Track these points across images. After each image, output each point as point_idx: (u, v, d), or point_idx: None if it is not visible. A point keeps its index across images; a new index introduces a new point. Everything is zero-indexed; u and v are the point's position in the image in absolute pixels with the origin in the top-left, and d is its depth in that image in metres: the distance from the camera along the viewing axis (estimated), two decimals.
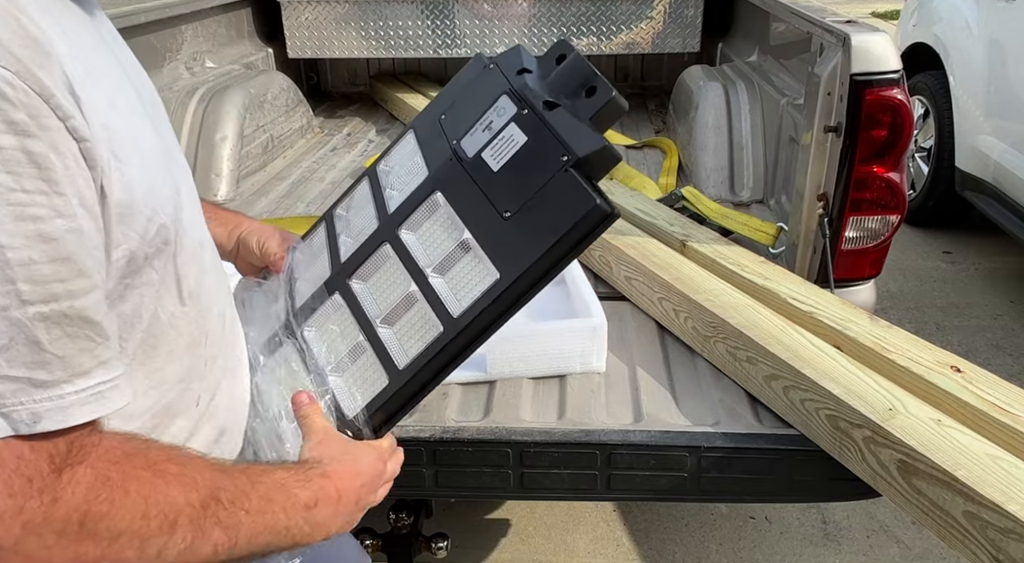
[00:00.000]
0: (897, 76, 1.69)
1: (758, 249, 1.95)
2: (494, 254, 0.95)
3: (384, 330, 1.02)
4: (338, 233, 1.16)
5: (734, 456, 1.37)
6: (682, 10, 3.17)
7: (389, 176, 1.14)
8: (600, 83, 0.96)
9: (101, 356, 0.60)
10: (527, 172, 0.95)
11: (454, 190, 1.01)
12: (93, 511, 0.58)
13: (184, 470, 0.67)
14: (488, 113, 1.01)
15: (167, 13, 2.59)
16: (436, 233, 1.02)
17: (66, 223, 0.57)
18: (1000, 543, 1.05)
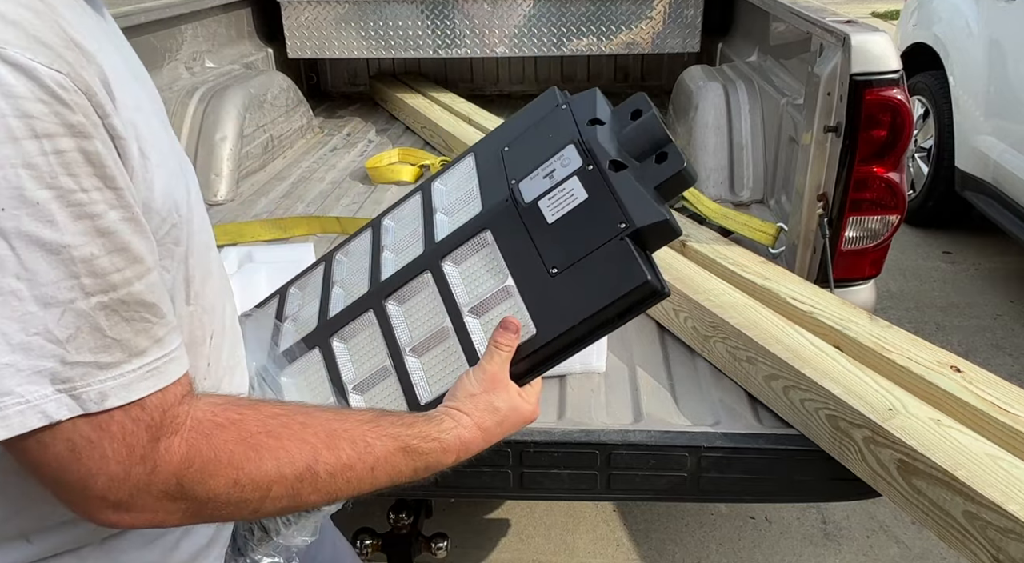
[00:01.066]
0: (897, 76, 1.69)
1: (758, 249, 1.95)
2: (534, 308, 0.93)
3: (411, 359, 1.00)
4: (383, 246, 1.14)
5: (734, 456, 1.37)
6: (682, 10, 3.17)
7: (442, 198, 1.12)
8: (672, 151, 0.93)
9: (156, 334, 0.64)
10: (582, 231, 0.92)
11: (504, 233, 0.98)
12: (188, 477, 0.65)
13: (280, 443, 0.70)
14: (552, 160, 0.98)
15: (167, 13, 2.59)
16: (479, 273, 1.00)
17: (120, 214, 0.61)
18: (1000, 543, 1.05)
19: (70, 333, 0.59)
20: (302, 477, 0.71)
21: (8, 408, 0.57)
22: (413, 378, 0.98)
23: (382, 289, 1.06)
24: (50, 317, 0.58)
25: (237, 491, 0.67)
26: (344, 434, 0.75)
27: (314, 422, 0.74)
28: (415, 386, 0.98)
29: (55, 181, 0.57)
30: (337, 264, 1.20)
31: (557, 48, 3.24)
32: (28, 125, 0.55)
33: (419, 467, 0.81)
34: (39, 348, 0.58)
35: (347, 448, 0.74)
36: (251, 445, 0.68)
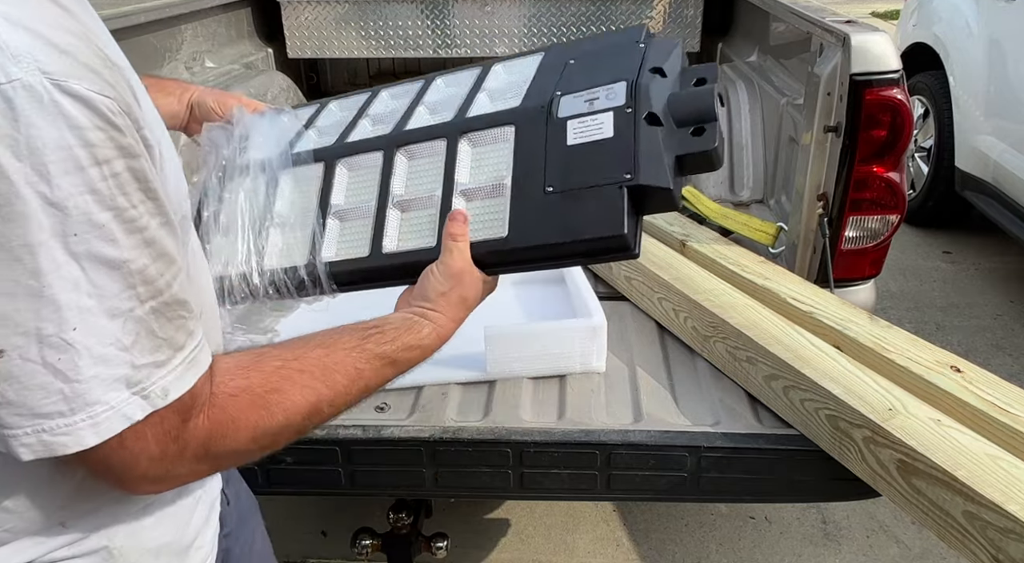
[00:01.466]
0: (897, 76, 1.69)
1: (758, 249, 1.95)
2: (515, 214, 0.96)
3: (393, 211, 1.06)
4: (422, 100, 1.20)
5: (734, 456, 1.37)
6: (682, 10, 3.17)
7: (494, 80, 1.17)
8: (711, 129, 0.93)
9: (189, 328, 0.69)
10: (590, 164, 0.94)
11: (525, 136, 1.01)
12: (213, 445, 0.71)
13: (284, 396, 0.76)
14: (601, 89, 1.00)
15: (167, 13, 2.59)
16: (486, 161, 1.04)
17: (159, 221, 0.65)
18: (1000, 543, 1.05)
19: (133, 339, 0.63)
20: (309, 417, 0.78)
21: (98, 415, 0.62)
22: (386, 227, 1.04)
23: (400, 138, 1.11)
24: (116, 327, 0.62)
25: (255, 444, 0.74)
26: (336, 368, 0.81)
27: (309, 366, 0.79)
28: (385, 234, 1.04)
29: (113, 202, 0.60)
30: (379, 100, 1.25)
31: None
32: (91, 154, 0.58)
33: (405, 369, 0.90)
34: (114, 357, 0.62)
35: (341, 379, 0.81)
36: (261, 405, 0.74)
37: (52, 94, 0.57)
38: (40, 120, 0.56)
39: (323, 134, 1.23)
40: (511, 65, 1.19)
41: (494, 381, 1.55)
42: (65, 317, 0.59)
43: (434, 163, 1.07)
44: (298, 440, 0.88)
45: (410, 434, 1.40)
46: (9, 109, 0.55)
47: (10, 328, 0.58)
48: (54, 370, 0.60)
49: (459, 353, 1.59)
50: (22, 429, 0.61)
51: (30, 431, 0.61)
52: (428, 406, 1.47)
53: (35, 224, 0.57)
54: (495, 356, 1.52)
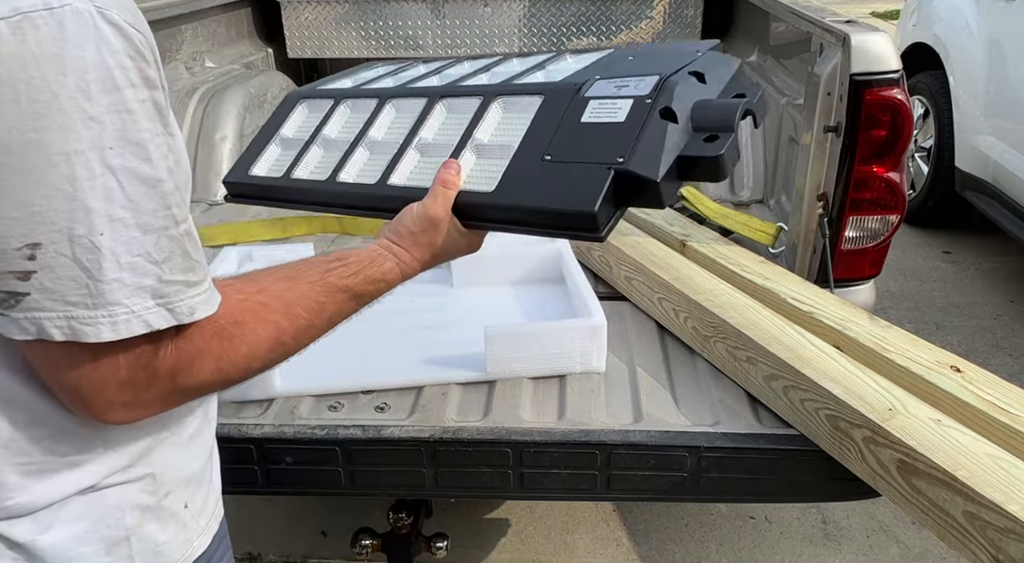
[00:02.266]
0: (897, 76, 1.69)
1: (758, 249, 1.95)
2: (507, 174, 1.00)
3: (412, 152, 1.14)
4: (492, 67, 1.29)
5: (734, 456, 1.37)
6: (682, 10, 3.17)
7: (560, 62, 1.25)
8: (723, 139, 0.92)
9: (205, 263, 0.75)
10: (592, 142, 0.96)
11: (549, 107, 1.05)
12: (180, 375, 0.74)
13: (247, 328, 0.78)
14: (634, 79, 1.02)
15: (167, 13, 2.59)
16: (508, 124, 1.09)
17: (176, 157, 0.70)
18: (1000, 543, 1.05)
19: (165, 255, 0.69)
20: (272, 348, 0.81)
21: (118, 316, 0.67)
22: (400, 164, 1.12)
23: (446, 90, 1.21)
24: (149, 241, 0.68)
25: (221, 375, 0.77)
26: (299, 302, 0.84)
27: (270, 299, 0.82)
28: (396, 170, 1.12)
29: (148, 124, 0.66)
30: (460, 64, 1.37)
31: (557, 48, 3.24)
32: (126, 76, 0.65)
33: (369, 301, 0.94)
34: (141, 267, 0.67)
35: (303, 313, 0.84)
36: (225, 336, 0.76)
37: (96, 20, 0.63)
38: (86, 41, 0.62)
39: (398, 81, 1.36)
40: (582, 56, 1.25)
41: (494, 381, 1.55)
42: (94, 222, 0.65)
43: (465, 118, 1.13)
44: (298, 440, 0.88)
45: (410, 434, 1.40)
46: (60, 30, 0.61)
47: (48, 225, 0.64)
48: (83, 267, 0.65)
49: (459, 353, 1.59)
50: (55, 312, 0.66)
51: (61, 315, 0.66)
52: (428, 406, 1.47)
53: (74, 135, 0.62)
54: (495, 356, 1.52)
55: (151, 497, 0.83)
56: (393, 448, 1.40)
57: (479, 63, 1.35)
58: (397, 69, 1.46)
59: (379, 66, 1.52)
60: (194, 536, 0.89)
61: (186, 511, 0.88)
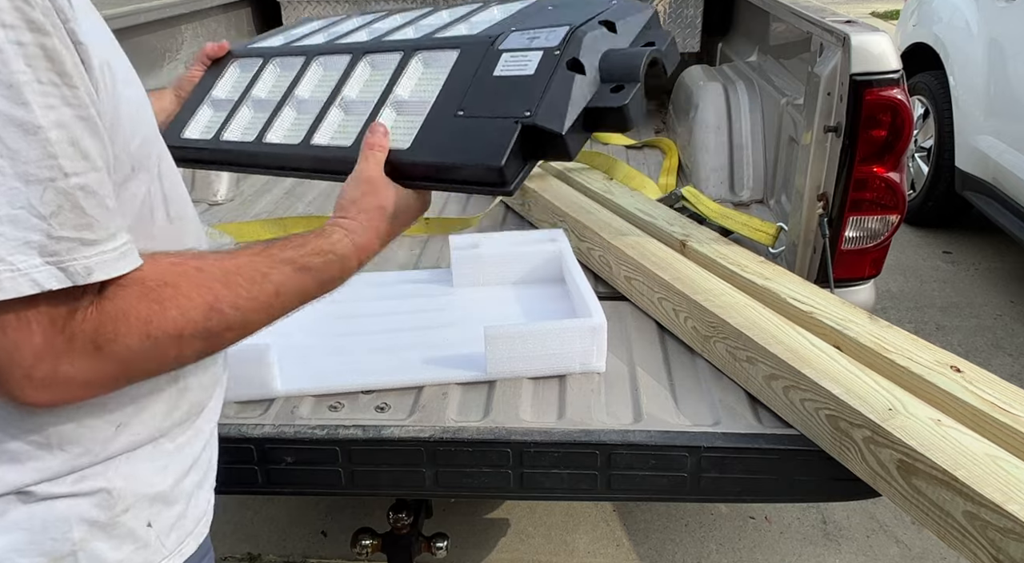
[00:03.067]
0: (897, 76, 1.69)
1: (758, 249, 1.95)
2: (423, 131, 1.00)
3: (336, 111, 1.13)
4: (421, 20, 1.29)
5: (734, 456, 1.37)
6: (682, 10, 3.17)
7: (486, 11, 1.24)
8: (631, 89, 0.93)
9: (120, 222, 0.69)
10: (502, 97, 0.96)
11: (465, 62, 1.05)
12: (104, 339, 0.68)
13: (179, 291, 0.73)
14: (546, 30, 1.01)
15: (167, 13, 2.59)
16: (426, 80, 1.09)
17: (73, 112, 0.64)
18: (1000, 543, 1.05)
19: (53, 210, 0.63)
20: (208, 315, 0.74)
21: (0, 274, 0.61)
22: (323, 123, 1.12)
23: (370, 46, 1.21)
24: (32, 193, 0.62)
25: (152, 343, 0.71)
26: (237, 270, 0.78)
27: (208, 265, 0.77)
28: (319, 129, 1.11)
29: (22, 68, 0.60)
30: (391, 17, 1.36)
31: None
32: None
33: (324, 280, 0.87)
34: (25, 221, 0.61)
35: (243, 282, 0.78)
36: (153, 298, 0.71)
37: None
38: None
39: (329, 36, 1.35)
40: (508, 6, 1.24)
41: (494, 381, 1.55)
42: None
43: (386, 74, 1.13)
44: (298, 440, 0.87)
45: (410, 434, 1.40)
46: None
47: None
48: None
49: (459, 353, 1.59)
50: None
51: None
52: (428, 406, 1.47)
53: None
54: (495, 356, 1.52)
55: (103, 512, 0.78)
56: (393, 448, 1.40)
57: (408, 15, 1.34)
58: (329, 23, 1.45)
59: (315, 21, 1.51)
60: (158, 558, 0.83)
61: (149, 530, 0.82)
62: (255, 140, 1.19)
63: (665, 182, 2.61)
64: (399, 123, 1.05)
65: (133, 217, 0.76)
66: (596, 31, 0.99)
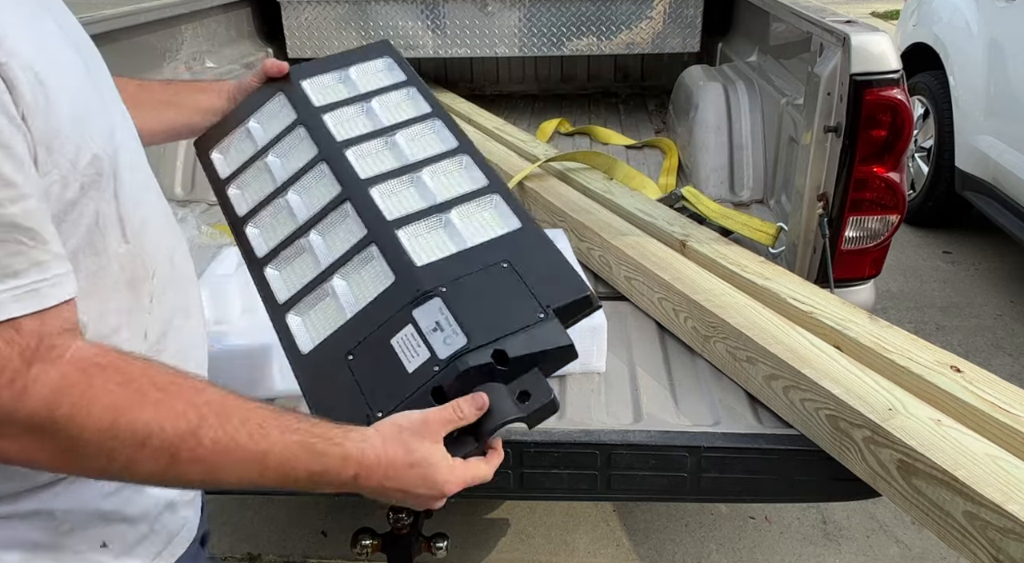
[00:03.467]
0: (897, 76, 1.69)
1: (758, 249, 1.95)
2: (325, 343, 1.03)
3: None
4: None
5: (734, 456, 1.37)
6: (682, 10, 3.17)
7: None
8: (474, 446, 0.91)
9: (36, 258, 0.62)
10: (382, 374, 0.97)
11: (391, 296, 1.02)
12: (59, 411, 0.62)
13: (165, 396, 0.67)
14: (454, 326, 0.96)
15: (167, 13, 2.59)
16: (364, 283, 1.07)
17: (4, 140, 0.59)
18: (1000, 543, 1.05)
19: None
20: (183, 437, 0.66)
21: None
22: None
23: (354, 189, 1.16)
24: None
25: (110, 437, 0.64)
26: (239, 410, 0.71)
27: (210, 392, 0.71)
28: (273, 293, 1.11)
29: None
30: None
31: (557, 48, 3.24)
32: None
33: (315, 470, 0.75)
34: None
35: (238, 424, 0.70)
36: (133, 390, 0.65)
37: None
38: None
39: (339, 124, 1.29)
40: (475, 203, 1.15)
41: None
42: None
43: (340, 246, 1.12)
44: None
45: None
46: None
47: None
48: None
49: None
50: None
51: None
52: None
53: None
54: None
55: (45, 534, 0.72)
56: None
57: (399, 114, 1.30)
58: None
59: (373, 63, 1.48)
60: None
61: (104, 550, 0.77)
62: (239, 221, 1.26)
63: (665, 182, 2.61)
64: (324, 314, 1.06)
65: (79, 239, 0.72)
66: (483, 362, 0.93)
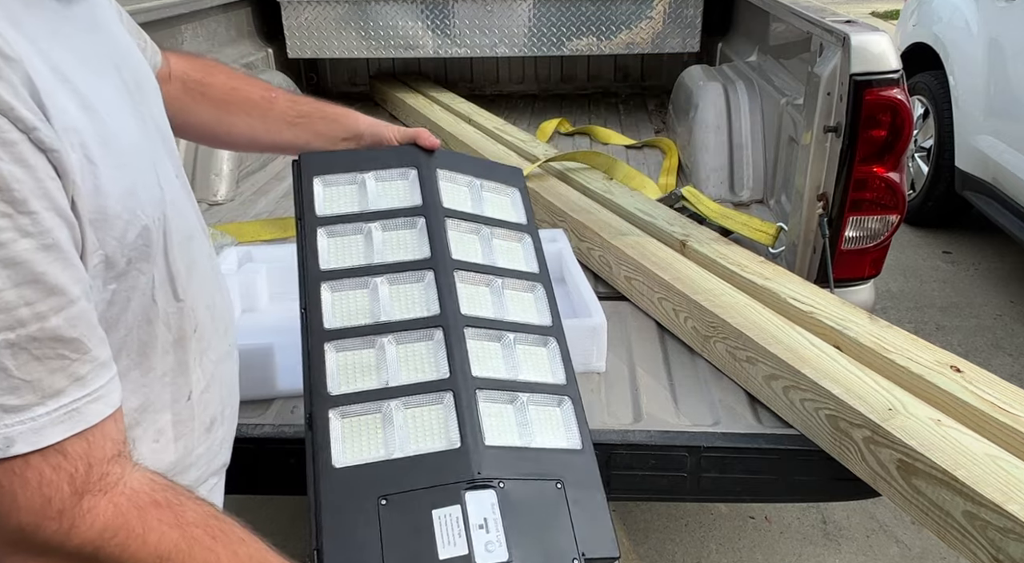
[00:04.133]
0: (897, 76, 1.69)
1: (758, 249, 1.95)
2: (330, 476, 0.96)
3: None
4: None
5: (734, 456, 1.37)
6: (682, 10, 3.17)
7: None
8: None
9: (77, 372, 0.59)
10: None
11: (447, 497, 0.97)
12: (108, 548, 0.59)
13: (214, 545, 0.65)
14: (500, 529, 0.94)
15: (167, 13, 2.59)
16: (432, 421, 1.03)
17: (32, 242, 0.56)
18: (1000, 543, 1.05)
19: None
20: None
21: None
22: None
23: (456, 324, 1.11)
24: None
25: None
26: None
27: (253, 546, 0.70)
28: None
29: None
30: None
31: (557, 48, 3.24)
32: None
33: None
34: None
35: None
36: (185, 534, 0.63)
37: None
38: None
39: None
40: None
41: None
42: None
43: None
44: (298, 440, 0.85)
45: None
46: None
47: None
48: None
49: None
50: None
51: None
52: None
53: None
54: None
55: None
56: None
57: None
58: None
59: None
60: None
61: None
62: None
63: (665, 182, 2.61)
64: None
65: (130, 316, 0.70)
66: None
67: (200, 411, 0.84)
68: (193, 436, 0.83)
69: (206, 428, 0.86)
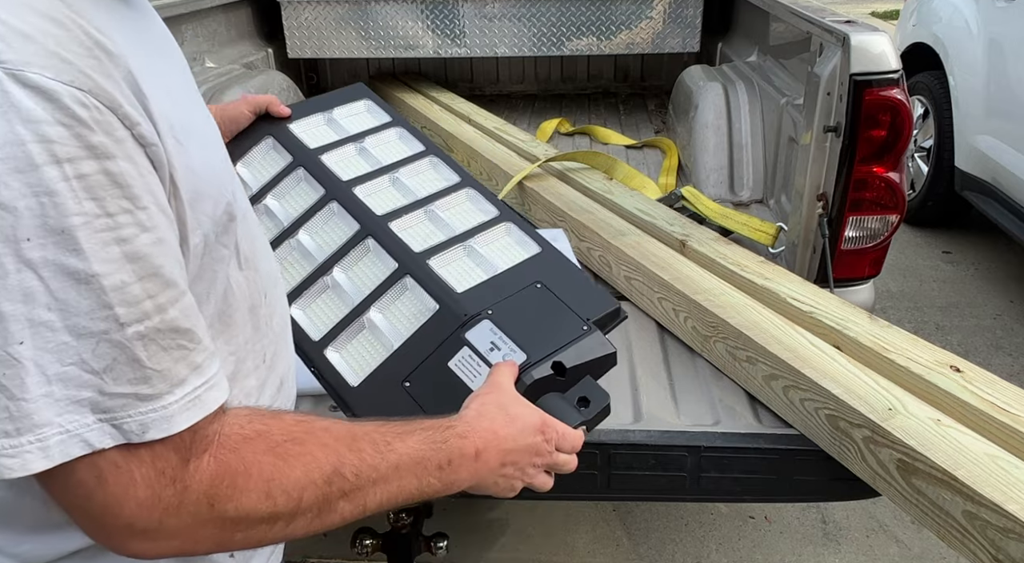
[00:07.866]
0: (897, 76, 1.69)
1: (758, 249, 1.95)
2: (373, 376, 1.10)
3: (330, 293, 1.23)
4: (432, 203, 1.31)
5: (734, 456, 1.37)
6: (682, 10, 3.17)
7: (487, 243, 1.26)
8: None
9: (195, 361, 0.63)
10: (444, 393, 1.02)
11: (437, 323, 1.10)
12: (219, 495, 0.63)
13: (304, 449, 0.69)
14: (509, 344, 1.03)
15: (167, 13, 2.59)
16: (403, 311, 1.15)
17: (150, 236, 0.59)
18: (1000, 543, 1.05)
19: (106, 364, 0.57)
20: (330, 480, 0.69)
21: (48, 438, 0.56)
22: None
23: (372, 225, 1.25)
24: (84, 347, 0.56)
25: (269, 504, 0.66)
26: (364, 436, 0.74)
27: (335, 427, 0.73)
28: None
29: (79, 207, 0.55)
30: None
31: (557, 48, 3.24)
32: (48, 150, 0.53)
33: (442, 462, 0.78)
34: (76, 378, 0.56)
35: (368, 448, 0.73)
36: (279, 454, 0.67)
37: (4, 84, 0.52)
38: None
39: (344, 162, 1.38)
40: (516, 235, 1.25)
41: None
42: (10, 329, 0.54)
43: (372, 279, 1.19)
44: None
45: None
46: None
47: None
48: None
49: None
50: None
51: None
52: None
53: None
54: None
55: None
56: None
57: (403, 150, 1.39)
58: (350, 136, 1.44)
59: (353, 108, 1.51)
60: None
61: (231, 560, 0.80)
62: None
63: (665, 182, 2.61)
64: (366, 347, 1.12)
65: (218, 291, 0.74)
66: (546, 374, 1.00)
67: (273, 374, 0.88)
68: (270, 395, 0.87)
69: (277, 388, 0.89)
